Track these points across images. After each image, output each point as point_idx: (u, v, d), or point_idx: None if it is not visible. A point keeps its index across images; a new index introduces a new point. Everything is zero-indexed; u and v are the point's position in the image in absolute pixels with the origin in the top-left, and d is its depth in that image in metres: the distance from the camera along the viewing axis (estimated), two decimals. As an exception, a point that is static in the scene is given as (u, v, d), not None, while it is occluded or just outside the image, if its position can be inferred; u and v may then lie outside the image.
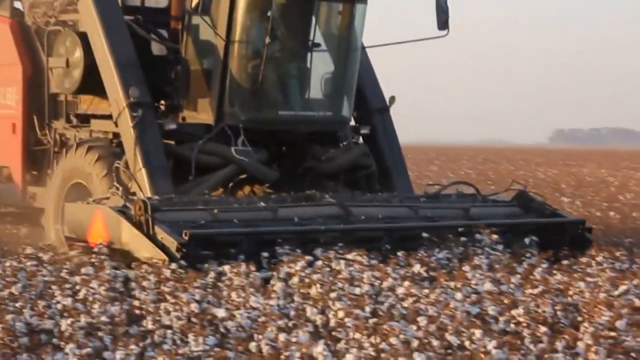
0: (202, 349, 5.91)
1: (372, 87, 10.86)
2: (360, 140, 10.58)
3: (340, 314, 6.37)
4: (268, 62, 9.70)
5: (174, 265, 7.57)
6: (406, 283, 7.02)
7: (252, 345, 5.95)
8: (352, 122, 10.65)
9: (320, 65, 10.22)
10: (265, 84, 9.90)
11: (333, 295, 6.78)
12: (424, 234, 8.51)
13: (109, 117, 9.99)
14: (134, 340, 6.04)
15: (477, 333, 5.91)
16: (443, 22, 10.13)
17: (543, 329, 6.11)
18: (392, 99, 10.85)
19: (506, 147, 70.24)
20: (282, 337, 5.99)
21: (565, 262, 7.96)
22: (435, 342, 5.82)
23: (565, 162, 36.21)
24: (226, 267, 7.53)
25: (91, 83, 10.00)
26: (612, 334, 6.01)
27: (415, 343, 5.79)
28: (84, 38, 10.03)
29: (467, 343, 5.84)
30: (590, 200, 16.52)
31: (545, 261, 7.89)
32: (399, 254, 7.83)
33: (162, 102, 10.12)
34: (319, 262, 7.46)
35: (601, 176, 26.33)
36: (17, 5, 11.10)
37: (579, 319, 6.37)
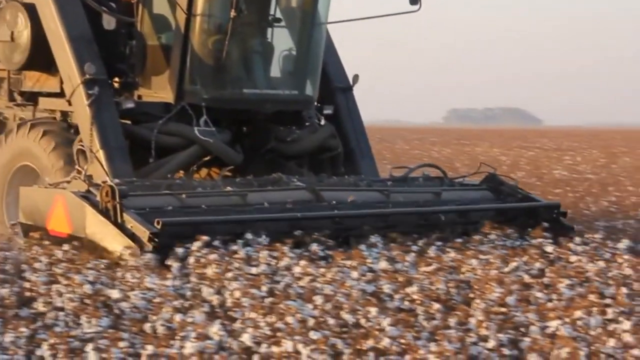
0: (95, 330, 5.83)
1: (335, 65, 10.42)
2: (323, 121, 10.10)
3: (237, 293, 6.35)
4: (232, 37, 9.23)
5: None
6: (302, 262, 7.03)
7: (147, 326, 5.89)
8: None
9: (285, 41, 9.79)
10: (229, 60, 9.44)
11: (229, 275, 6.75)
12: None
13: (57, 94, 9.45)
14: (24, 323, 5.91)
15: (373, 311, 5.96)
16: None
17: (436, 306, 6.20)
18: (356, 77, 10.40)
19: (402, 126, 71.06)
20: (177, 317, 5.94)
21: (458, 240, 8.07)
22: (331, 321, 5.85)
23: (459, 141, 36.87)
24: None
25: (39, 58, 9.42)
26: (503, 309, 6.15)
27: (311, 322, 5.81)
28: (31, 10, 9.43)
29: (362, 321, 5.89)
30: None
31: (439, 240, 7.97)
32: (296, 232, 7.79)
33: (116, 79, 9.55)
34: (216, 242, 7.39)
35: (494, 155, 26.89)
36: None
37: (471, 295, 6.49)
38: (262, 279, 6.67)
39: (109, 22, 9.40)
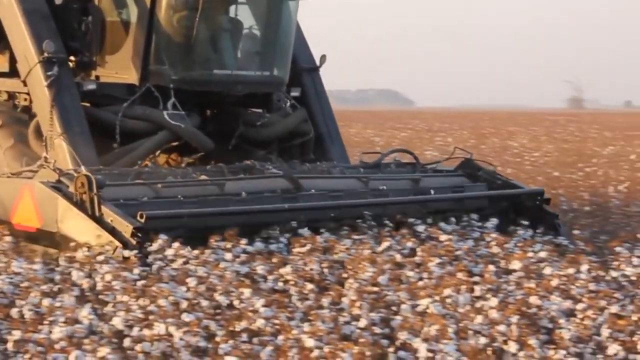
0: (-40, 317, 5.65)
1: (300, 45, 9.85)
2: (289, 103, 9.57)
3: (108, 277, 6.25)
4: (202, 13, 8.62)
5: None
6: (176, 244, 6.96)
7: (14, 311, 5.75)
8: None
9: (256, 20, 9.30)
10: (199, 39, 8.80)
11: (100, 258, 6.64)
12: None
13: (7, 74, 8.79)
14: None
15: (246, 292, 5.96)
16: None
17: (310, 286, 6.25)
18: (323, 58, 9.95)
19: (277, 107, 71.02)
20: (46, 302, 5.82)
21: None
22: (204, 302, 5.83)
23: (333, 123, 37.10)
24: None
25: None
26: (375, 289, 6.23)
27: (184, 304, 5.78)
28: None
29: (236, 302, 5.88)
30: (356, 160, 16.97)
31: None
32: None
33: (71, 58, 8.80)
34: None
35: (367, 136, 27.20)
36: None
37: (345, 275, 6.56)
38: (134, 261, 6.58)
39: None
